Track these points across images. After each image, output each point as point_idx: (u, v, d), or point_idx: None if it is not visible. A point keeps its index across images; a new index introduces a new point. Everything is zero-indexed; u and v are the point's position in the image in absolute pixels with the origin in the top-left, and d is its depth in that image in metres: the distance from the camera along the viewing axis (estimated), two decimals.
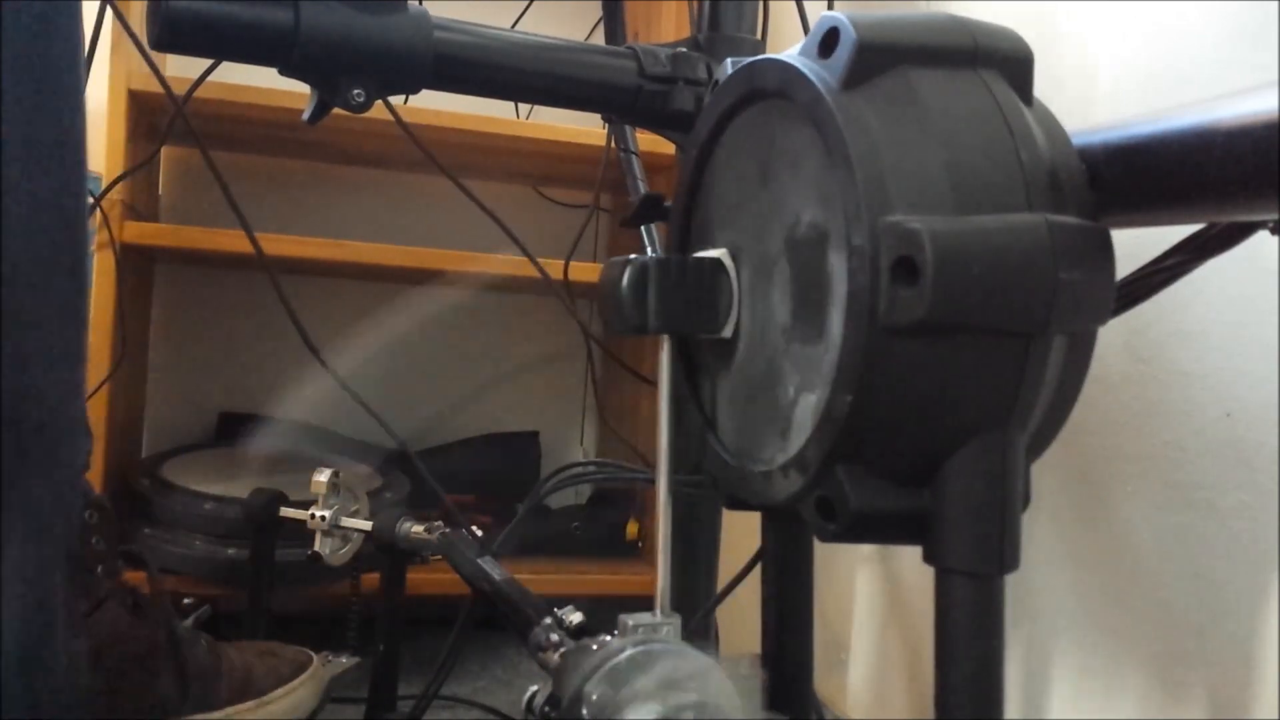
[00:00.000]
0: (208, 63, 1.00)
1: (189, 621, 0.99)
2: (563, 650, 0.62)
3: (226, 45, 0.56)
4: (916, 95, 0.37)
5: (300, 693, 0.84)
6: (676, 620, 0.45)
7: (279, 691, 0.82)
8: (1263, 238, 0.41)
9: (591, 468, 1.15)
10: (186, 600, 1.03)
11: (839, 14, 0.39)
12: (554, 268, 1.11)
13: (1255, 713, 0.55)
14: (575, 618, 0.68)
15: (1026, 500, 0.38)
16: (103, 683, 0.69)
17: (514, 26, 0.69)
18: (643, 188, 0.92)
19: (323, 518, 0.92)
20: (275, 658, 0.85)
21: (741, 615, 0.83)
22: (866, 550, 0.98)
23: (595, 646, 0.45)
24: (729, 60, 0.46)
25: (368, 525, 0.92)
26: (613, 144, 1.04)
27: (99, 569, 0.70)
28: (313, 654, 0.88)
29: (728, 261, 0.46)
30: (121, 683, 0.70)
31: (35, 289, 0.56)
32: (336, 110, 0.59)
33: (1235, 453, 0.57)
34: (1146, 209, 0.39)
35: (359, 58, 0.58)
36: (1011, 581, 0.38)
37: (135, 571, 1.07)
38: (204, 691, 0.75)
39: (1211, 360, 0.59)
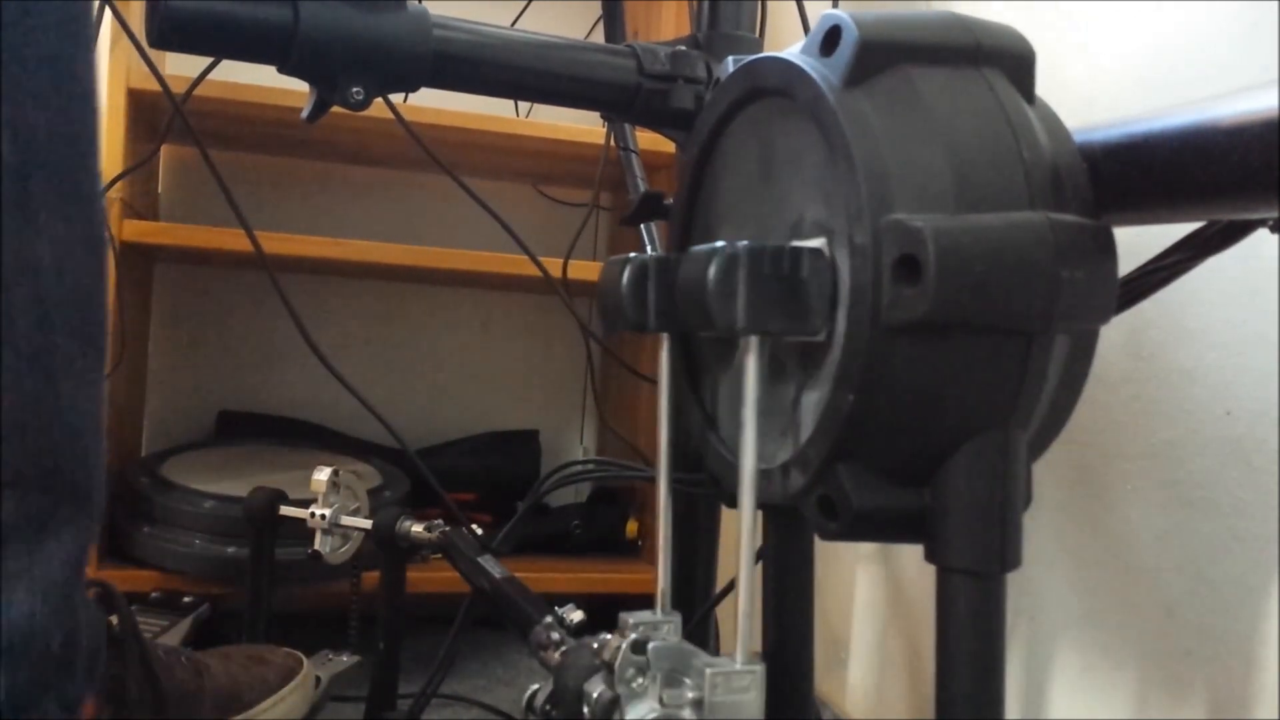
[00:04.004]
0: (207, 61, 0.99)
1: (187, 621, 0.99)
2: (563, 649, 0.62)
3: (225, 43, 0.56)
4: (919, 93, 0.37)
5: (290, 700, 0.83)
6: (676, 619, 0.45)
7: (266, 704, 0.81)
8: (1262, 236, 0.42)
9: (591, 466, 1.15)
10: (186, 599, 1.03)
11: (841, 12, 0.39)
12: (553, 266, 1.11)
13: (1255, 712, 0.55)
14: (576, 616, 0.68)
15: (1028, 499, 0.38)
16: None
17: (513, 25, 0.68)
18: (643, 186, 0.92)
19: (323, 516, 0.92)
20: (264, 665, 0.83)
21: None
22: (867, 549, 0.98)
23: (596, 645, 0.45)
24: (730, 58, 0.46)
25: (368, 524, 0.92)
26: (612, 142, 1.04)
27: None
28: (303, 657, 0.87)
29: None
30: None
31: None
32: (336, 109, 0.59)
33: (1235, 451, 0.57)
34: (1147, 207, 0.39)
35: (358, 56, 0.58)
36: (1012, 580, 0.38)
37: (138, 571, 1.07)
38: (185, 714, 0.75)
39: (1211, 358, 0.59)
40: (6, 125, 0.52)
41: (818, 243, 0.40)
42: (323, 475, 0.93)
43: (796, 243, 0.40)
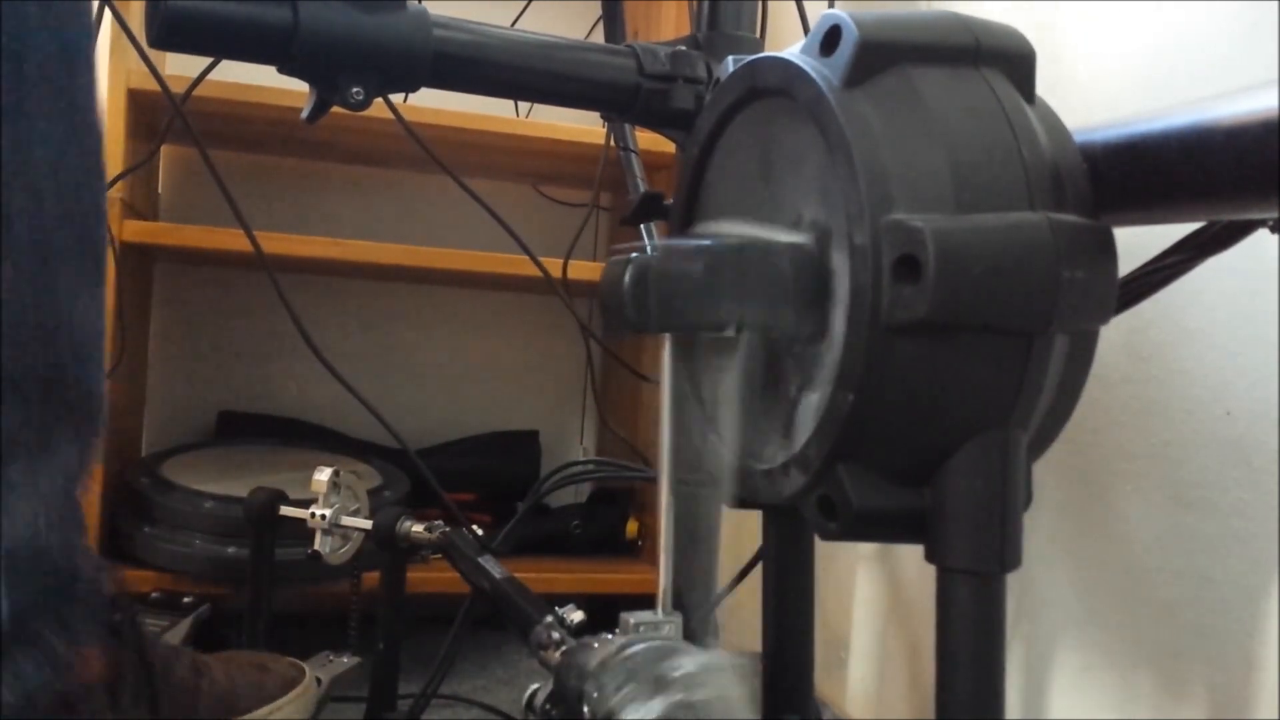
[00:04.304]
0: (207, 61, 1.00)
1: (187, 621, 0.99)
2: (564, 649, 0.62)
3: (225, 44, 0.56)
4: (918, 93, 0.37)
5: (287, 710, 0.83)
6: (677, 619, 0.45)
7: (262, 711, 0.81)
8: (1263, 236, 0.41)
9: (591, 466, 1.16)
10: (186, 599, 1.03)
11: (841, 12, 0.39)
12: (553, 266, 1.11)
13: (1255, 712, 0.55)
14: (576, 616, 0.68)
15: (1028, 499, 0.38)
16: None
17: (513, 25, 0.68)
18: (642, 186, 0.92)
19: (323, 516, 0.92)
20: (264, 672, 0.83)
21: (741, 614, 0.83)
22: (867, 549, 0.98)
23: (596, 645, 0.45)
24: (730, 58, 0.46)
25: (368, 524, 0.92)
26: (612, 142, 1.04)
27: None
28: (305, 668, 0.87)
29: None
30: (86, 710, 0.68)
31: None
32: (336, 109, 0.59)
33: (1235, 451, 0.57)
34: (1147, 207, 0.39)
35: (358, 56, 0.58)
36: (1012, 580, 0.38)
37: (138, 571, 1.07)
38: (179, 712, 0.74)
39: (1211, 359, 0.59)
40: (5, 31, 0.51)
41: (802, 238, 0.40)
42: (323, 475, 0.93)
43: (780, 238, 0.40)
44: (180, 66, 1.13)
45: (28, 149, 0.54)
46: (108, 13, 0.95)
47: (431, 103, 0.95)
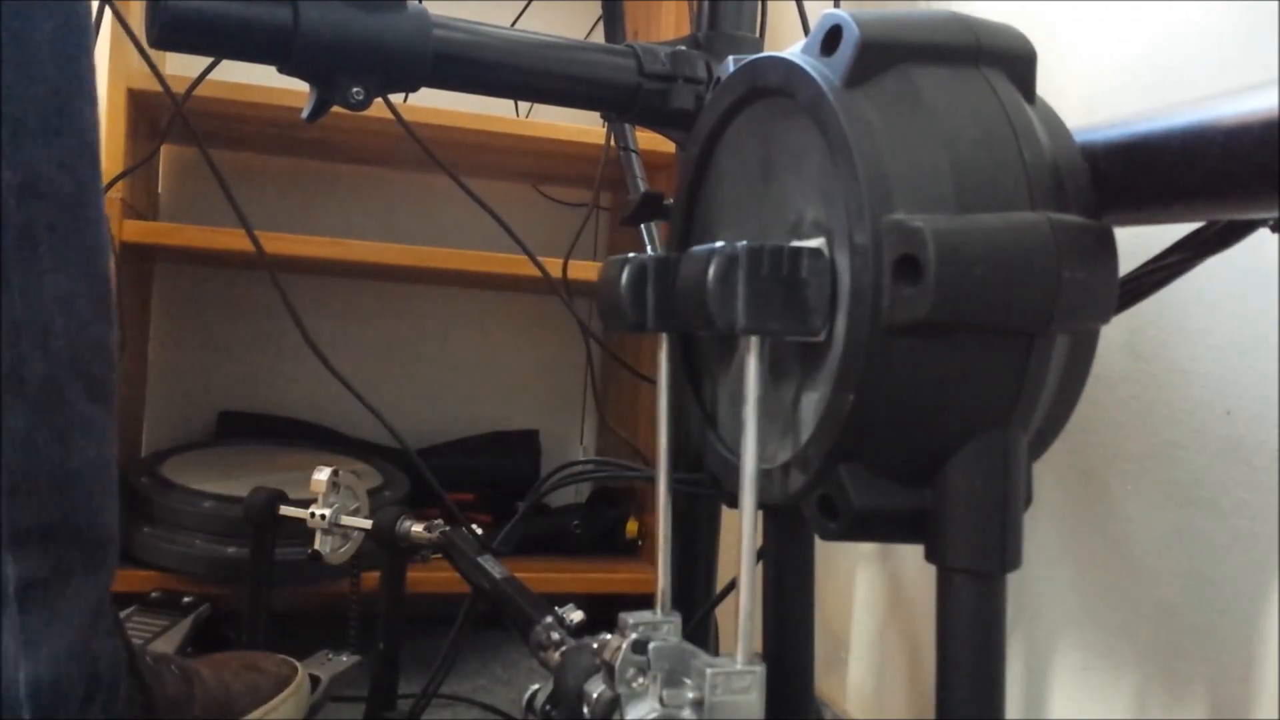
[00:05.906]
0: (207, 61, 0.99)
1: (187, 621, 0.99)
2: (563, 649, 0.62)
3: (225, 44, 0.56)
4: (919, 93, 0.37)
5: (283, 709, 0.83)
6: (676, 618, 0.45)
7: (258, 713, 0.81)
8: (1262, 236, 0.42)
9: (591, 466, 1.15)
10: (186, 599, 1.03)
11: (842, 12, 0.39)
12: (553, 266, 1.11)
13: (1255, 712, 0.55)
14: (576, 616, 0.68)
15: (1028, 499, 0.38)
16: None
17: (513, 25, 0.68)
18: (642, 186, 0.92)
19: (322, 516, 0.92)
20: (257, 673, 0.83)
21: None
22: (867, 549, 0.98)
23: (596, 645, 0.45)
24: (731, 58, 0.46)
25: (368, 524, 0.92)
26: (612, 142, 1.04)
27: None
28: (298, 664, 0.87)
29: None
30: None
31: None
32: (336, 109, 0.59)
33: (1235, 451, 0.57)
34: (1148, 206, 0.39)
35: (358, 56, 0.58)
36: (1012, 580, 0.38)
37: (138, 571, 1.07)
38: None
39: (1211, 359, 0.59)
40: (7, 186, 0.53)
41: (817, 243, 0.40)
42: (323, 475, 0.93)
43: (796, 243, 0.40)
44: (180, 66, 1.13)
45: (37, 294, 0.56)
46: (108, 12, 0.95)
47: (431, 103, 0.95)
